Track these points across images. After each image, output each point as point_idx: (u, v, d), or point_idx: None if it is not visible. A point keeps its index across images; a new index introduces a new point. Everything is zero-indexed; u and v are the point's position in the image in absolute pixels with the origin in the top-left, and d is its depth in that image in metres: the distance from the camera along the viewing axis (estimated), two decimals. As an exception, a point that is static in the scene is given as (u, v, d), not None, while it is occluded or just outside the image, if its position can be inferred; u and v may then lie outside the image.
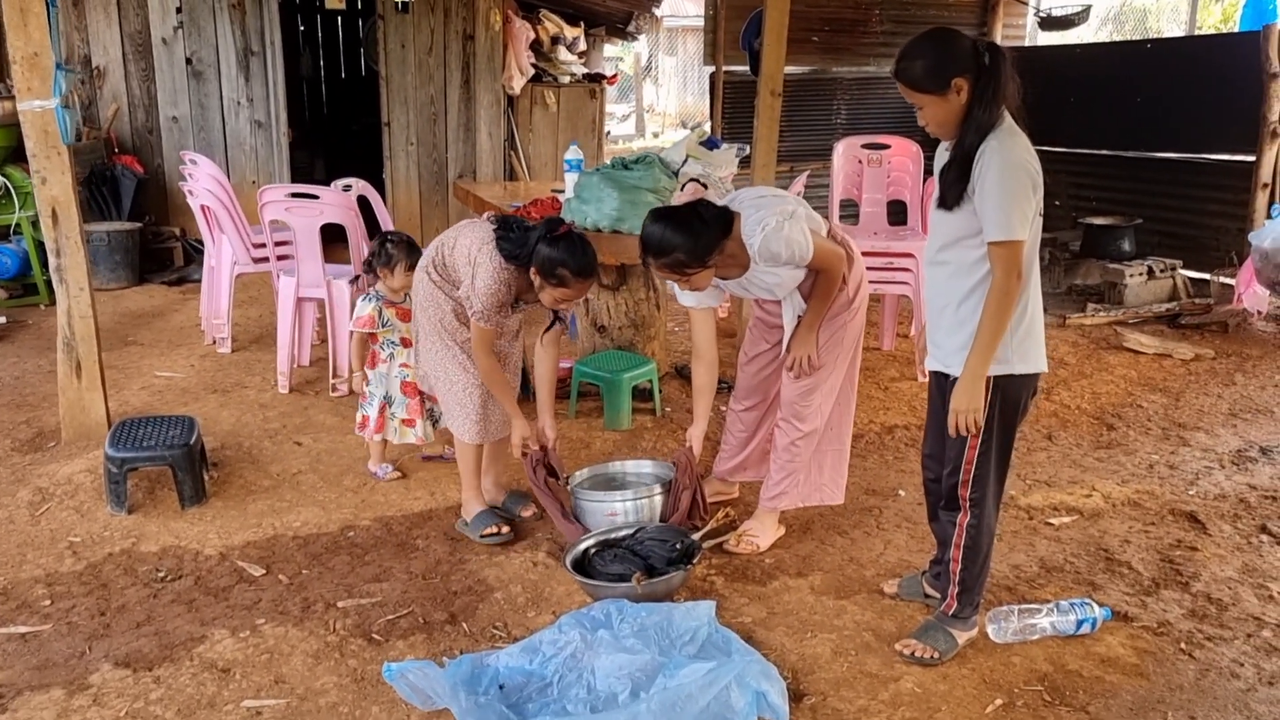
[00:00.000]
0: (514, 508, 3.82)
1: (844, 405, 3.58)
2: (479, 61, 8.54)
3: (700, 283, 3.27)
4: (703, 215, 3.22)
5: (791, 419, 3.49)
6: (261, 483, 4.13)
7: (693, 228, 3.16)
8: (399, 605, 3.21)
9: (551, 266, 3.26)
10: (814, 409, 3.46)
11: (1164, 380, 5.53)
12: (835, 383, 3.50)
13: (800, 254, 3.21)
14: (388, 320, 4.10)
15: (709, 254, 3.18)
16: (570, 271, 3.27)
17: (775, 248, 3.17)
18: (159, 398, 5.10)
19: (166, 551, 3.57)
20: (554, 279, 3.28)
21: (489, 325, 3.38)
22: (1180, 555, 3.55)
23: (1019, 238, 2.55)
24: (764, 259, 3.23)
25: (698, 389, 3.66)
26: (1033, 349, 2.72)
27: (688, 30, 21.17)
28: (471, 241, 3.39)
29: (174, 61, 7.98)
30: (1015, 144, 2.56)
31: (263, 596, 3.28)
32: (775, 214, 3.18)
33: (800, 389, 3.45)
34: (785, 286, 3.38)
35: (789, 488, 3.55)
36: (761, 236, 3.16)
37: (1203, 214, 7.34)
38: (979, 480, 2.78)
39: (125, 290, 7.39)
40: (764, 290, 3.42)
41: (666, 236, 3.16)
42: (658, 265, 3.22)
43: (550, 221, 3.36)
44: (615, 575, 3.15)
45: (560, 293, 3.32)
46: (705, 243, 3.17)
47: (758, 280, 3.35)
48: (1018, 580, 3.35)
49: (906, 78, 2.62)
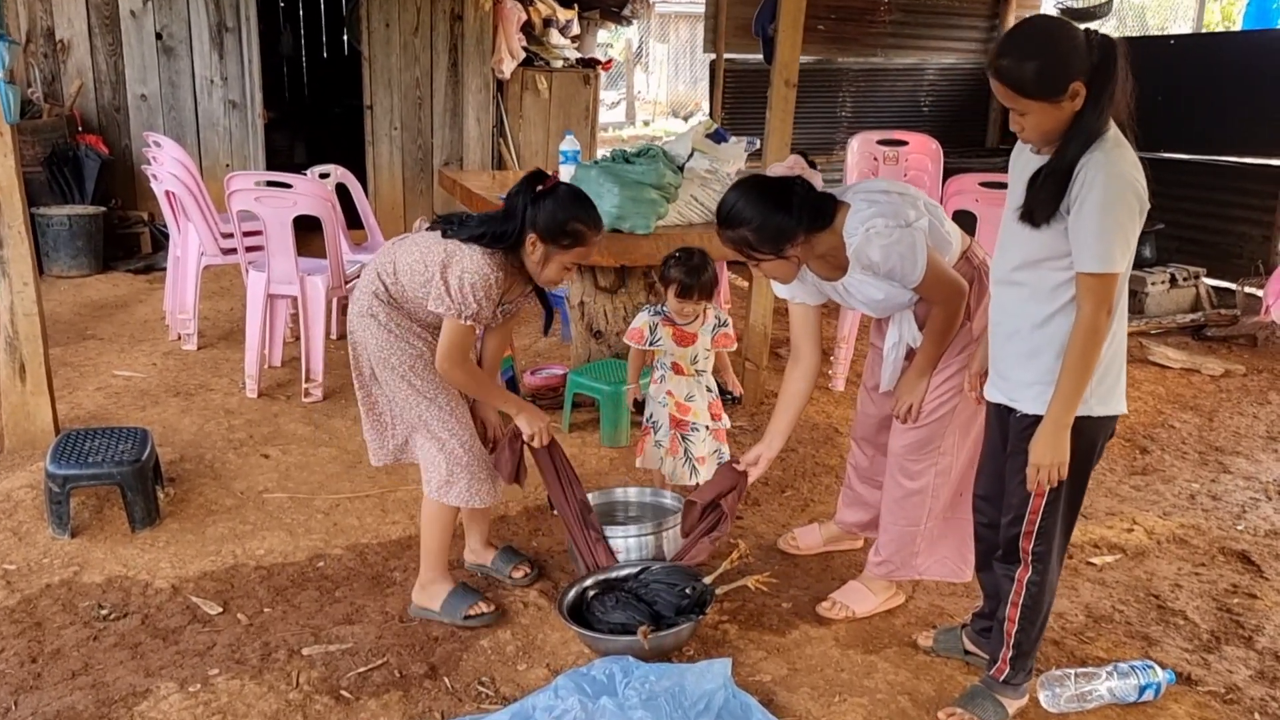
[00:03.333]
0: (505, 568, 3.27)
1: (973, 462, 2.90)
2: (467, 43, 8.13)
3: (774, 272, 2.78)
4: (793, 196, 2.67)
5: (897, 473, 2.95)
6: (223, 502, 3.74)
7: (773, 207, 2.65)
8: (372, 654, 2.83)
9: (561, 224, 2.72)
10: (926, 465, 2.90)
11: (1194, 398, 5.20)
12: (958, 437, 2.89)
13: (904, 273, 2.66)
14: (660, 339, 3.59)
15: (784, 242, 2.67)
16: (585, 224, 2.76)
17: (874, 256, 2.64)
18: (115, 401, 4.69)
19: (112, 583, 3.18)
20: (567, 237, 2.74)
21: (472, 324, 2.80)
22: (1238, 604, 3.21)
23: (1117, 270, 2.19)
24: (860, 266, 2.70)
25: (782, 399, 3.06)
26: (1114, 389, 2.36)
27: (680, 17, 20.78)
28: (424, 254, 2.80)
29: (143, 36, 7.53)
30: (1123, 158, 2.19)
31: (218, 640, 2.89)
32: (890, 218, 2.64)
33: (908, 441, 2.90)
34: (888, 306, 2.85)
35: (894, 555, 3.00)
36: (862, 237, 2.64)
37: (1226, 219, 7.02)
38: (1044, 533, 2.42)
39: (87, 278, 6.96)
40: (865, 305, 2.87)
41: (739, 208, 2.67)
42: (723, 238, 2.76)
43: (531, 178, 2.79)
44: (618, 625, 2.78)
45: (574, 254, 2.79)
46: (782, 228, 2.65)
47: (856, 290, 2.79)
48: (1064, 633, 3.01)
49: (1012, 79, 2.20)
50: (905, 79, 9.15)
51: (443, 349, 2.80)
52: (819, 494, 3.96)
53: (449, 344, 2.79)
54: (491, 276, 2.73)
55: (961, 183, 5.57)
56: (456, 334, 2.78)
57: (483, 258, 2.74)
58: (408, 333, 2.88)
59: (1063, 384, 2.26)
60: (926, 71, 9.38)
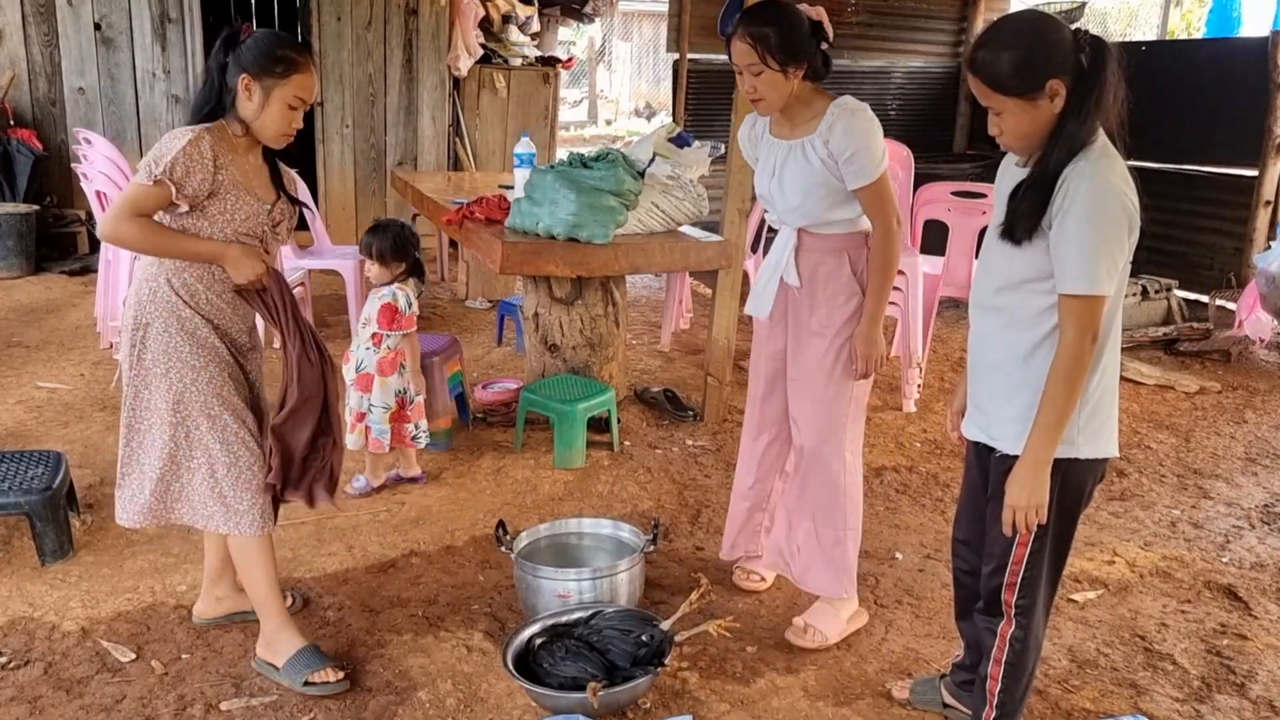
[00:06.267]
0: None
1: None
2: (423, 39, 7.83)
3: (768, 87, 2.72)
4: (815, 31, 2.75)
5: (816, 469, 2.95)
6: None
7: (802, 24, 2.72)
8: (298, 709, 2.58)
9: (270, 49, 2.43)
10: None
11: (1170, 416, 5.05)
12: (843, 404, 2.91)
13: (862, 165, 2.70)
14: None
15: (795, 59, 2.69)
16: (292, 49, 2.46)
17: (844, 132, 2.69)
18: (36, 416, 4.38)
19: (15, 625, 2.90)
20: (279, 64, 2.42)
21: (157, 182, 2.37)
22: (1228, 646, 3.03)
23: (1102, 292, 1.98)
24: (823, 138, 2.72)
25: None
26: (1103, 428, 2.16)
27: (644, 15, 20.57)
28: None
29: (81, 26, 7.17)
30: (1111, 169, 1.99)
31: (127, 693, 2.63)
32: (870, 115, 2.76)
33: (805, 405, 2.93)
34: (802, 212, 2.82)
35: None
36: (844, 108, 2.73)
37: (1198, 230, 6.90)
38: (1028, 584, 2.22)
39: (18, 280, 6.62)
40: (790, 197, 2.82)
41: (775, 10, 2.72)
42: (742, 33, 2.70)
43: (228, 37, 2.47)
44: (568, 679, 2.54)
45: (294, 84, 2.45)
46: (801, 46, 2.70)
47: (794, 171, 2.79)
48: (1048, 681, 2.80)
49: (987, 73, 2.02)
50: (872, 82, 8.96)
51: (111, 208, 2.44)
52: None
53: (120, 200, 2.43)
54: (194, 134, 2.41)
55: (932, 191, 5.39)
56: (132, 190, 2.42)
57: (186, 128, 2.45)
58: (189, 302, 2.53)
59: (1042, 416, 2.05)
60: (894, 74, 9.20)
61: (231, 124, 2.51)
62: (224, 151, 2.47)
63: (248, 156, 2.57)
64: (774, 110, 2.82)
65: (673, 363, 5.61)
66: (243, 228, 2.52)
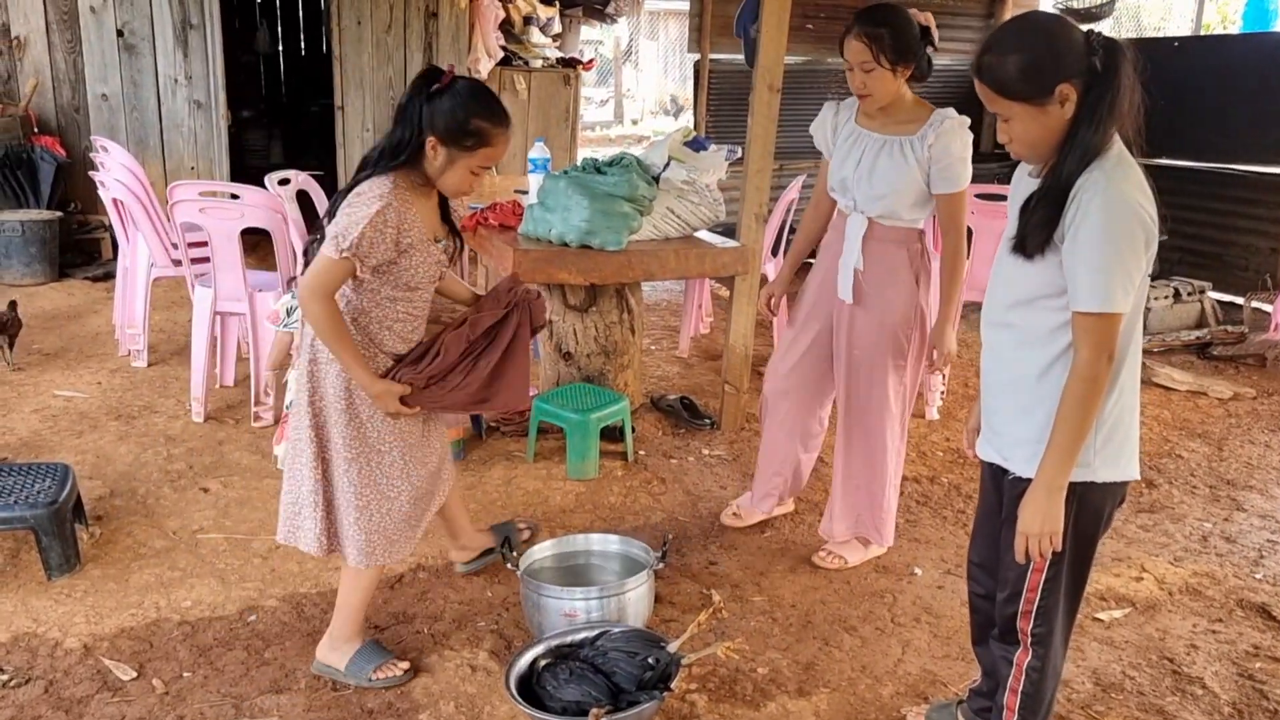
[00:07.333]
0: (515, 540, 3.32)
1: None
2: (442, 41, 7.80)
3: (875, 86, 2.98)
4: (924, 35, 3.02)
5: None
6: (153, 543, 3.43)
7: (913, 27, 2.98)
8: (297, 731, 2.53)
9: (463, 121, 2.41)
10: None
11: (1202, 424, 4.91)
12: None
13: (955, 175, 2.99)
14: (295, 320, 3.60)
15: (907, 59, 2.97)
16: (489, 119, 2.44)
17: (953, 140, 2.96)
18: (51, 425, 4.37)
19: (18, 642, 2.87)
20: (469, 138, 2.42)
21: (344, 258, 2.39)
22: (1261, 669, 2.92)
23: (1117, 310, 1.89)
24: (938, 135, 2.96)
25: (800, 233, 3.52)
26: (1121, 449, 2.07)
27: (670, 14, 20.46)
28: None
29: (104, 33, 7.19)
30: (1126, 179, 1.89)
31: (126, 713, 2.59)
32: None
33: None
34: (895, 198, 3.04)
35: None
36: (954, 119, 2.99)
37: (1233, 231, 6.73)
38: (1045, 612, 2.13)
39: (40, 286, 6.63)
40: (876, 187, 3.05)
41: (889, 12, 2.97)
42: (858, 31, 2.95)
43: (424, 76, 2.46)
44: (572, 704, 2.47)
45: (481, 156, 2.46)
46: (912, 47, 2.97)
47: (885, 165, 3.02)
48: (1071, 706, 2.71)
49: (992, 78, 1.94)
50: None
51: (307, 279, 2.45)
52: (800, 533, 3.66)
53: (313, 273, 2.43)
54: (382, 203, 2.39)
55: (957, 194, 5.25)
56: (323, 264, 2.42)
57: (377, 184, 2.43)
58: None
59: (1056, 439, 1.96)
60: (920, 73, 9.06)
61: (416, 174, 2.50)
62: (406, 206, 2.46)
63: (426, 201, 2.57)
64: (878, 106, 3.04)
65: (691, 369, 5.53)
66: (421, 281, 2.57)
